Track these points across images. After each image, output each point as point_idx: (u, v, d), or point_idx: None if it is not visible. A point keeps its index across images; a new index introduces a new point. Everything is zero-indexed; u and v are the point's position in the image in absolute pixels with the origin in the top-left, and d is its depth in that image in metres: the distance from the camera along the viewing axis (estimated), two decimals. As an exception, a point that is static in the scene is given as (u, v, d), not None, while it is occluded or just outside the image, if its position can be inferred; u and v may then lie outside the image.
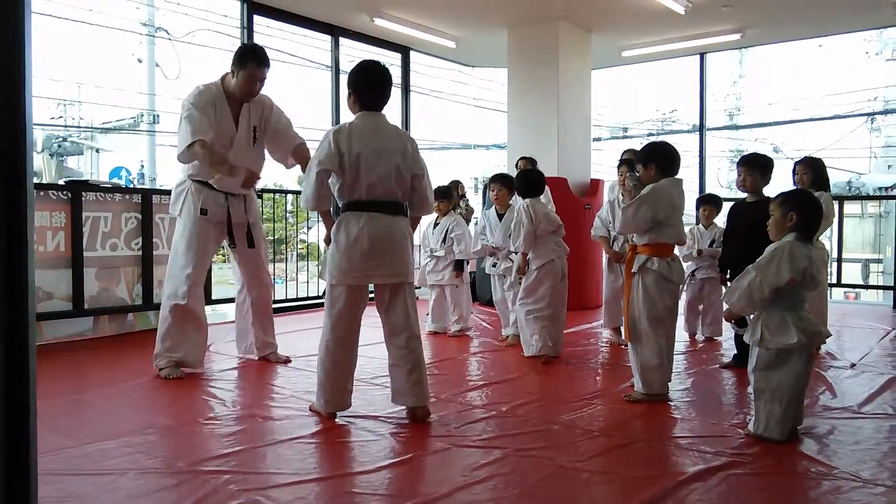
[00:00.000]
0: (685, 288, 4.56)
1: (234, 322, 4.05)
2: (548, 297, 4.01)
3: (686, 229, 3.91)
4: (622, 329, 4.55)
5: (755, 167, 3.59)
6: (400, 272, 2.73)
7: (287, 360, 3.87)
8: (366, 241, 2.64)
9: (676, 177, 3.14)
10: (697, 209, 4.89)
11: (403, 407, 2.80)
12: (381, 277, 2.72)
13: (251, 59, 3.41)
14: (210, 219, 3.50)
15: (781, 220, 2.54)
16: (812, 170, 4.11)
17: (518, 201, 4.25)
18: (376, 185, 2.66)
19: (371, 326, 3.11)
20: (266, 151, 3.71)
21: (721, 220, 4.63)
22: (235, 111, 3.51)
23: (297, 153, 3.68)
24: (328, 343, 2.74)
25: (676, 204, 3.09)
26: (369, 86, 2.73)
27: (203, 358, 3.63)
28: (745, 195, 3.72)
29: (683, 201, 3.15)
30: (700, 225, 4.80)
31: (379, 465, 2.28)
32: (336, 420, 2.77)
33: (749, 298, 2.49)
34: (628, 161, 4.23)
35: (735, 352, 3.89)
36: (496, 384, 3.46)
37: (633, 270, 3.11)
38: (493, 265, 4.62)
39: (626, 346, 4.40)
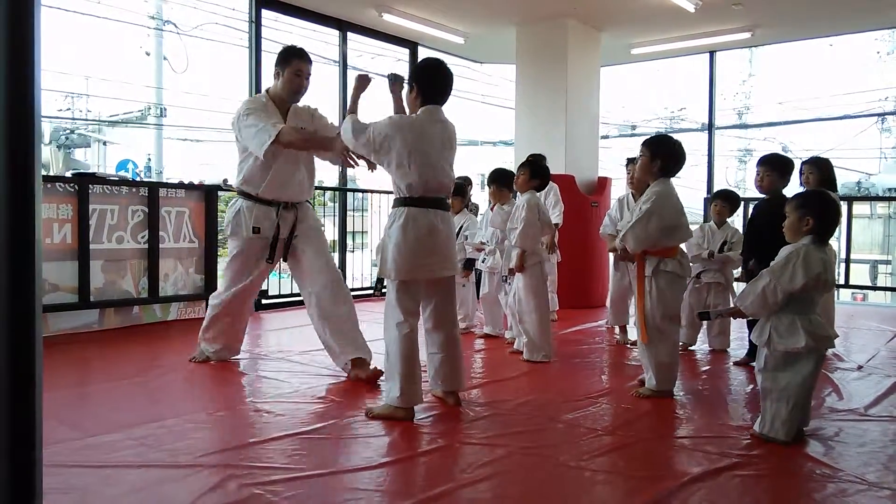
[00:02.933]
0: (688, 292, 4.40)
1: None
2: (545, 296, 4.04)
3: (695, 227, 3.84)
4: (628, 328, 4.57)
5: (773, 167, 3.59)
6: (455, 265, 2.94)
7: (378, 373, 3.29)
8: (434, 236, 2.75)
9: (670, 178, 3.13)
10: (709, 205, 4.61)
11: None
12: (442, 270, 2.82)
13: (295, 56, 3.42)
14: (262, 236, 3.46)
15: (798, 223, 2.50)
16: (818, 170, 4.08)
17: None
18: (442, 183, 2.79)
19: (369, 322, 3.11)
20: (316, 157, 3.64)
21: (735, 220, 4.54)
22: (283, 118, 3.44)
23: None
24: (406, 335, 2.74)
25: (679, 207, 3.10)
26: (435, 83, 2.82)
27: (232, 351, 3.77)
28: (762, 195, 3.76)
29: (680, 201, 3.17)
30: (712, 223, 4.34)
31: (382, 462, 2.28)
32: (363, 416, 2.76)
33: (763, 303, 2.47)
34: (635, 160, 4.22)
35: (748, 346, 3.87)
36: (500, 381, 3.46)
37: (646, 273, 3.08)
38: (483, 261, 4.59)
39: (630, 344, 4.42)
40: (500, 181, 4.44)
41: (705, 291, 4.28)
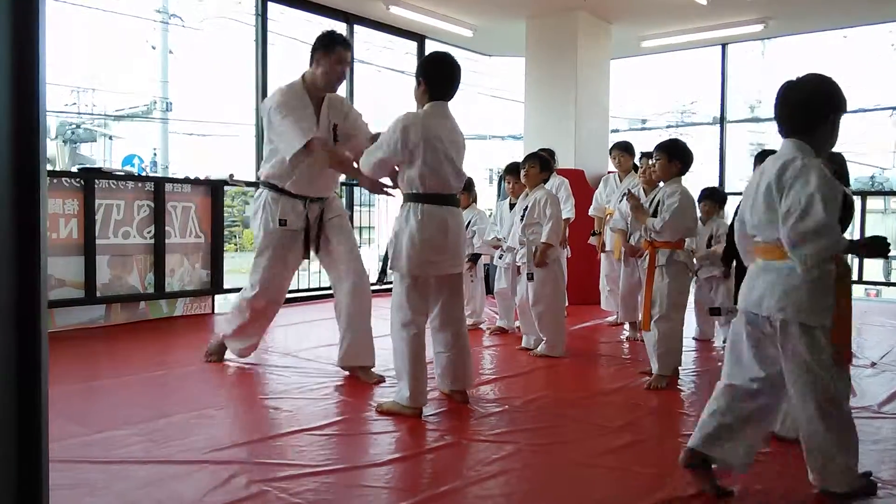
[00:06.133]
0: (694, 291, 4.39)
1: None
2: (563, 292, 4.07)
3: None
4: (638, 324, 4.53)
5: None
6: (462, 262, 2.94)
7: (380, 380, 3.30)
8: (446, 234, 2.74)
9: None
10: (699, 203, 4.55)
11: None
12: (452, 267, 2.82)
13: (338, 43, 3.22)
14: (289, 228, 3.32)
15: None
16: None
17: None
18: (451, 180, 2.77)
19: (376, 318, 3.13)
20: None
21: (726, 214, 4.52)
22: (316, 109, 3.29)
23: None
24: (414, 335, 2.74)
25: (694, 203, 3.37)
26: (444, 78, 2.78)
27: (248, 352, 3.60)
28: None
29: None
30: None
31: (391, 458, 2.26)
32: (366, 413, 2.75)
33: None
34: (648, 154, 4.21)
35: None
36: (509, 378, 3.44)
37: (660, 263, 3.25)
38: (500, 257, 4.56)
39: (640, 340, 4.38)
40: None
41: (707, 286, 4.36)
